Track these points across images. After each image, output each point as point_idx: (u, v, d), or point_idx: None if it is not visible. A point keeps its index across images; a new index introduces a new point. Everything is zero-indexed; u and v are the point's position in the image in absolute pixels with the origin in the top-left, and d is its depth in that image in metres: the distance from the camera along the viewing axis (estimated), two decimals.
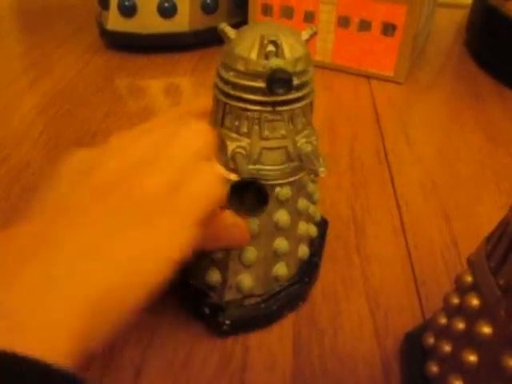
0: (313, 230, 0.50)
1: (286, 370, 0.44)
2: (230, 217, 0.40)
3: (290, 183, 0.43)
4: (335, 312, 0.49)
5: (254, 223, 0.43)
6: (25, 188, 0.62)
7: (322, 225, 0.54)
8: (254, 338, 0.46)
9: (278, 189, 0.42)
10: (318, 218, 0.51)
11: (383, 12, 0.82)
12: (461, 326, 0.37)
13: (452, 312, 0.39)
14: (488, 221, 0.60)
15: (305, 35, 0.41)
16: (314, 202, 0.49)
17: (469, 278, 0.37)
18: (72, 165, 0.36)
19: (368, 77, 0.89)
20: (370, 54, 0.87)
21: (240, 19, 0.95)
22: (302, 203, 0.45)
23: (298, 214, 0.45)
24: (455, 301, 0.38)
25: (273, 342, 0.46)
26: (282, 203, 0.43)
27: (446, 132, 0.78)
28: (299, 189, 0.44)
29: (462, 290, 0.38)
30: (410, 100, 0.85)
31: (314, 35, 0.41)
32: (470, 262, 0.38)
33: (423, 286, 0.52)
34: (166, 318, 0.47)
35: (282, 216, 0.44)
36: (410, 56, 0.85)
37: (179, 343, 0.45)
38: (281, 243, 0.45)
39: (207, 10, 0.93)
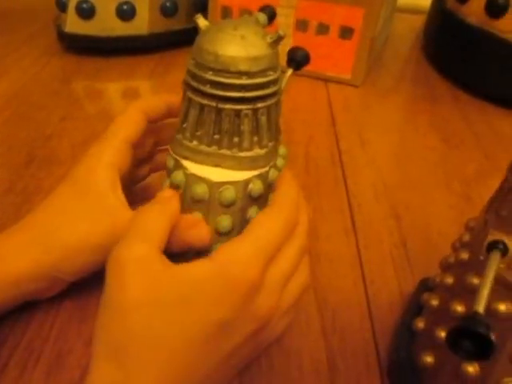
0: None
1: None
2: (188, 219, 0.41)
3: (260, 179, 0.43)
4: None
5: (227, 220, 0.43)
6: None
7: None
8: None
9: (250, 185, 0.42)
10: None
11: (341, 15, 0.83)
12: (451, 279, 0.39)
13: (445, 269, 0.40)
14: (437, 220, 0.61)
15: (269, 38, 0.40)
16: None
17: (466, 238, 0.38)
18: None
19: (326, 80, 0.90)
20: (327, 57, 0.88)
21: None
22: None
23: None
24: (450, 260, 0.40)
25: None
26: (254, 200, 0.43)
27: (400, 134, 0.79)
28: (270, 186, 0.44)
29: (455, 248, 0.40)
30: (366, 103, 0.86)
31: (279, 40, 0.41)
32: (468, 226, 0.39)
33: (371, 285, 0.53)
34: None
35: (254, 213, 0.43)
36: (367, 59, 0.86)
37: None
38: None
39: (166, 13, 0.93)
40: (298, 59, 0.48)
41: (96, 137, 0.47)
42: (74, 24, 0.90)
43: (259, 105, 0.41)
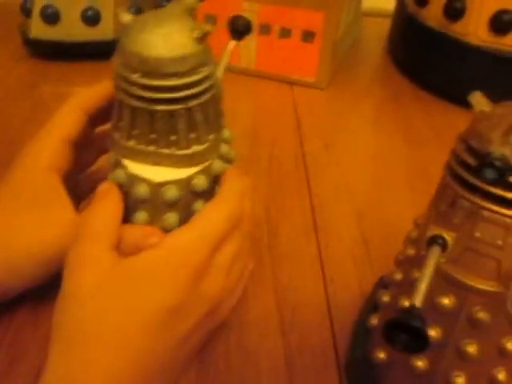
0: None
1: (192, 368, 0.45)
2: (143, 230, 0.42)
3: (203, 173, 0.43)
4: (243, 309, 0.50)
5: (173, 218, 0.43)
6: None
7: None
8: None
9: (194, 181, 0.42)
10: None
11: (302, 19, 0.84)
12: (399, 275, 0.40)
13: (397, 265, 0.42)
14: (399, 219, 0.61)
15: (195, 34, 0.39)
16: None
17: (414, 234, 0.39)
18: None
19: (291, 83, 0.90)
20: (292, 60, 0.88)
21: None
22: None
23: None
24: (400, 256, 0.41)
25: None
26: (199, 195, 0.43)
27: (364, 135, 0.79)
28: (215, 177, 0.44)
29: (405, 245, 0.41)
30: (331, 105, 0.86)
31: (206, 35, 0.40)
32: (415, 223, 0.40)
33: (331, 283, 0.53)
34: None
35: (200, 207, 0.43)
36: (331, 62, 0.87)
37: None
38: None
39: None
40: (240, 29, 0.47)
41: None
42: (38, 29, 0.89)
43: (193, 103, 0.40)
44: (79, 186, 0.50)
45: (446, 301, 0.34)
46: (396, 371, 0.40)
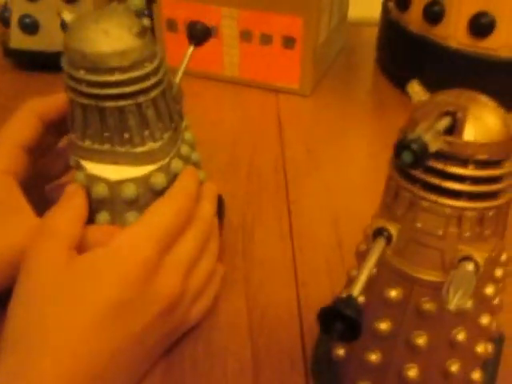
0: None
1: (157, 369, 0.45)
2: (104, 229, 0.43)
3: (162, 171, 0.44)
4: (213, 311, 0.50)
5: (134, 217, 0.43)
6: None
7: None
8: None
9: (152, 179, 0.43)
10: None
11: (282, 25, 0.84)
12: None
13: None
14: None
15: (134, 30, 0.40)
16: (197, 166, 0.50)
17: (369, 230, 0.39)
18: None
19: (276, 90, 0.90)
20: (274, 67, 0.88)
21: None
22: None
23: None
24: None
25: None
26: (158, 193, 0.44)
27: (345, 142, 0.80)
28: (176, 176, 0.45)
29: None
30: (314, 112, 0.86)
31: (145, 30, 0.41)
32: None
33: (304, 286, 0.53)
34: None
35: None
36: (314, 69, 0.87)
37: None
38: None
39: None
40: (198, 35, 0.48)
41: None
42: (18, 40, 0.89)
43: (141, 98, 0.41)
44: (49, 196, 0.50)
45: (393, 293, 0.35)
46: (354, 367, 0.40)
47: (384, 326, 0.35)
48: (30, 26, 0.87)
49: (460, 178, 0.31)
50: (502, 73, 0.81)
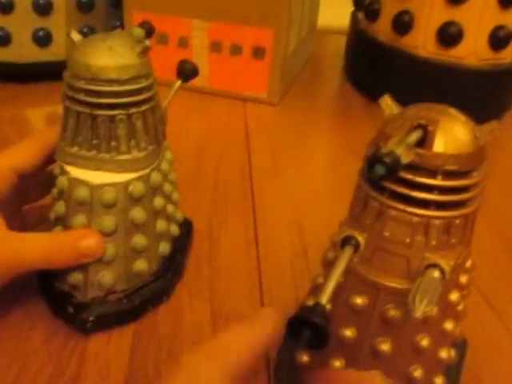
0: (174, 229, 0.53)
1: (120, 378, 0.44)
2: (77, 232, 0.45)
3: (141, 180, 0.46)
4: (177, 320, 0.49)
5: (110, 220, 0.45)
6: None
7: (186, 225, 0.57)
8: (93, 348, 0.46)
9: (131, 187, 0.46)
10: (179, 217, 0.55)
11: (252, 36, 0.84)
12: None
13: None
14: None
15: (137, 49, 0.45)
16: (173, 203, 0.52)
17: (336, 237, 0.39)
18: None
19: (244, 100, 0.91)
20: (243, 77, 0.89)
21: None
22: (159, 201, 0.48)
23: (154, 212, 0.48)
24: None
25: (111, 351, 0.46)
26: (136, 201, 0.46)
27: (311, 149, 0.80)
28: (154, 188, 0.48)
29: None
30: (281, 121, 0.87)
31: (146, 49, 0.45)
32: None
33: (268, 293, 0.53)
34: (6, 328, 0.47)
35: (137, 213, 0.46)
36: (282, 78, 0.87)
37: (15, 355, 0.45)
38: (139, 240, 0.47)
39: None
40: (186, 72, 0.52)
41: None
42: None
43: (133, 110, 0.45)
44: (26, 216, 0.51)
45: (358, 300, 0.35)
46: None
47: (349, 332, 0.35)
48: (3, 38, 0.87)
49: (428, 188, 0.31)
50: (470, 80, 0.82)
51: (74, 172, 0.45)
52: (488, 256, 0.60)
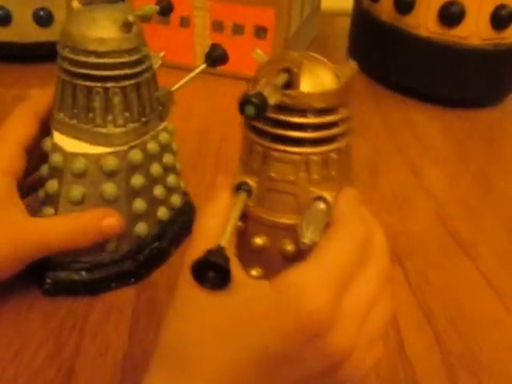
0: (175, 199, 0.54)
1: (119, 355, 0.44)
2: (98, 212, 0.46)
3: (116, 156, 0.46)
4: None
5: (78, 190, 0.46)
6: None
7: (188, 212, 0.57)
8: (92, 326, 0.47)
9: (102, 160, 0.46)
10: (181, 187, 0.55)
11: (254, 16, 0.84)
12: None
13: None
14: None
15: (120, 22, 0.44)
16: (174, 172, 0.53)
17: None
18: None
19: (247, 80, 0.90)
20: (246, 57, 0.88)
21: None
22: (157, 169, 0.49)
23: (152, 179, 0.50)
24: None
25: (109, 329, 0.47)
26: (108, 175, 0.47)
27: None
28: (152, 156, 0.49)
29: None
30: None
31: (128, 25, 0.44)
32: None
33: None
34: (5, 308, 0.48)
35: (109, 188, 0.47)
36: None
37: (14, 334, 0.45)
38: (137, 204, 0.49)
39: None
40: (213, 56, 0.53)
41: None
42: None
43: (110, 84, 0.45)
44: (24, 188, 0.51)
45: (259, 240, 0.37)
46: None
47: (255, 272, 0.37)
48: (3, 18, 0.86)
49: (302, 127, 0.34)
50: (471, 60, 0.81)
51: (57, 137, 0.47)
52: (490, 237, 0.60)
